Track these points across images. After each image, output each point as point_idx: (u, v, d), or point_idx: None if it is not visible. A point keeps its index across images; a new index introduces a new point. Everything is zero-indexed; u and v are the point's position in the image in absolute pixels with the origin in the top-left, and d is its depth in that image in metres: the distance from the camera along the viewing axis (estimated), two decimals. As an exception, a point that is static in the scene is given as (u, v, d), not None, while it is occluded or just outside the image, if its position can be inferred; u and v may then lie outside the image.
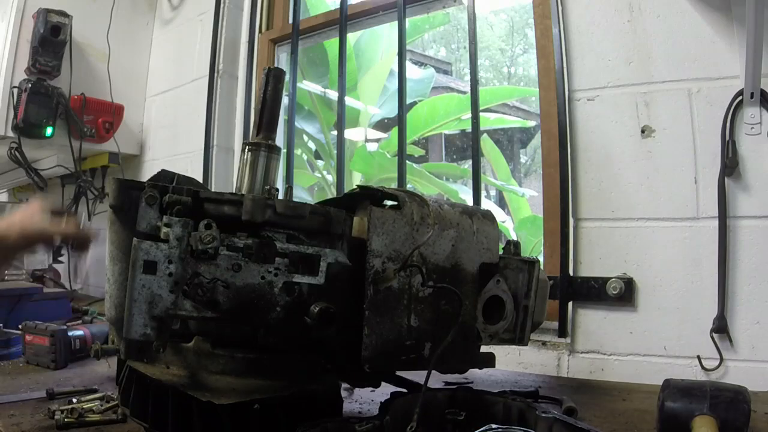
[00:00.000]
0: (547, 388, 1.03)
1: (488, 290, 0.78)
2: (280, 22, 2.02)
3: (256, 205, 0.61)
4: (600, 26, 1.26)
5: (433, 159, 6.33)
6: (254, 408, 0.62)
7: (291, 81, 1.85)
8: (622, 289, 1.18)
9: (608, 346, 1.21)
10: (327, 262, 0.64)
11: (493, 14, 8.19)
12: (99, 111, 2.09)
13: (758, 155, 1.09)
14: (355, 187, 0.79)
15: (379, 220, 0.69)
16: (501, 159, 4.93)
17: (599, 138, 1.25)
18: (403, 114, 1.65)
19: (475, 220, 0.78)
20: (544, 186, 1.35)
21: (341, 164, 1.77)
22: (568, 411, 0.81)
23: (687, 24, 1.16)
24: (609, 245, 1.22)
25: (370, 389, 0.82)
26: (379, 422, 0.60)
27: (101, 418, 0.79)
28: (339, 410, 0.72)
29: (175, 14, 2.24)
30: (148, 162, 2.28)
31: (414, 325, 0.71)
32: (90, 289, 2.36)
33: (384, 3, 1.72)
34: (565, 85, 1.28)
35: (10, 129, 1.94)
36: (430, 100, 4.67)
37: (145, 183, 0.60)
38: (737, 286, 1.09)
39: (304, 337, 0.64)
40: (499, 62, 8.96)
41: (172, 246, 0.57)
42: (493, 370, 0.96)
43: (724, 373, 1.08)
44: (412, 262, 0.69)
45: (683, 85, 1.16)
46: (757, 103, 1.08)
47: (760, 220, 1.08)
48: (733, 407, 0.66)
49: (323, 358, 0.71)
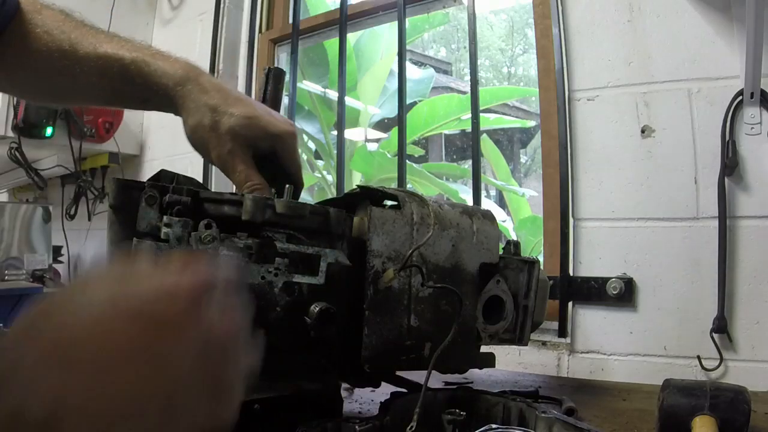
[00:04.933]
0: (547, 388, 1.03)
1: (488, 290, 0.78)
2: (280, 22, 2.02)
3: (256, 205, 0.61)
4: (600, 26, 1.26)
5: (433, 159, 6.33)
6: (254, 408, 0.62)
7: (291, 81, 1.84)
8: (622, 289, 1.18)
9: (608, 346, 1.21)
10: (327, 262, 0.64)
11: (493, 14, 8.19)
12: (99, 111, 2.09)
13: (758, 155, 1.09)
14: (355, 187, 0.79)
15: (379, 220, 0.69)
16: (501, 159, 4.93)
17: (599, 138, 1.25)
18: (403, 114, 1.65)
19: (475, 220, 0.78)
20: (544, 186, 1.35)
21: (341, 164, 1.77)
22: (568, 411, 0.81)
23: (687, 24, 1.16)
24: (609, 245, 1.22)
25: (370, 389, 0.82)
26: (379, 422, 0.60)
27: (101, 418, 0.78)
28: (339, 410, 0.72)
29: (175, 14, 2.24)
30: (148, 162, 2.27)
31: (414, 325, 0.71)
32: (90, 289, 2.36)
33: (384, 3, 1.72)
34: (565, 85, 1.28)
35: (10, 129, 1.94)
36: (430, 100, 4.67)
37: (145, 183, 0.60)
38: (737, 286, 1.09)
39: (304, 337, 0.64)
40: (499, 62, 8.96)
41: (172, 246, 0.57)
42: (493, 370, 0.96)
43: (724, 373, 1.08)
44: (412, 262, 0.69)
45: (683, 85, 1.16)
46: (757, 103, 1.08)
47: (760, 220, 1.08)
48: (733, 407, 0.66)
49: (323, 358, 0.71)
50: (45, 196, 2.62)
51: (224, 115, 0.66)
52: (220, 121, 0.65)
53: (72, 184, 2.35)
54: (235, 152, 0.66)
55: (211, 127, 0.66)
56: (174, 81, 0.67)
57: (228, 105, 0.66)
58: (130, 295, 0.34)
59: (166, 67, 0.68)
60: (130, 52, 0.68)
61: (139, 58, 0.68)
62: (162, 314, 0.33)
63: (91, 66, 0.69)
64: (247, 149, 0.67)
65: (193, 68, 0.69)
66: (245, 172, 0.66)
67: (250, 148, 0.67)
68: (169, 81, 0.67)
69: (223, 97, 0.67)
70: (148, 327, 0.32)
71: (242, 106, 0.67)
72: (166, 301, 0.34)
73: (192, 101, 0.67)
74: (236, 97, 0.68)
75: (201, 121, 0.66)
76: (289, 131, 0.70)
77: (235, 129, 0.65)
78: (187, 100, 0.67)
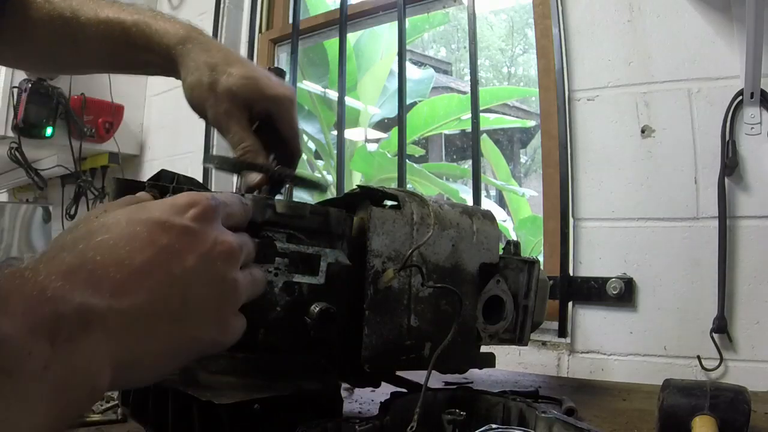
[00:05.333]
0: (547, 388, 1.03)
1: (488, 290, 0.78)
2: (280, 22, 2.02)
3: (256, 205, 0.61)
4: (600, 26, 1.26)
5: (433, 159, 6.34)
6: (254, 408, 0.62)
7: (291, 81, 1.84)
8: (622, 289, 1.18)
9: (608, 346, 1.21)
10: (327, 262, 0.64)
11: (493, 14, 8.20)
12: (99, 111, 2.09)
13: (758, 155, 1.09)
14: (355, 187, 0.79)
15: (379, 220, 0.69)
16: (501, 159, 4.94)
17: (599, 138, 1.25)
18: (403, 114, 1.65)
19: (475, 220, 0.78)
20: (544, 186, 1.35)
21: (341, 164, 1.77)
22: (568, 411, 0.81)
23: (687, 24, 1.16)
24: (609, 245, 1.22)
25: (370, 389, 0.82)
26: (379, 422, 0.60)
27: (101, 418, 0.79)
28: (339, 410, 0.72)
29: (174, 14, 2.23)
30: (148, 162, 2.28)
31: (414, 325, 0.71)
32: (90, 289, 2.36)
33: (384, 3, 1.72)
34: (565, 85, 1.28)
35: (10, 129, 1.94)
36: (430, 100, 4.67)
37: (145, 183, 0.60)
38: (737, 286, 1.09)
39: (304, 337, 0.64)
40: (499, 62, 8.97)
41: (172, 246, 0.57)
42: (493, 370, 0.96)
43: (724, 373, 1.08)
44: (412, 262, 0.69)
45: (683, 85, 1.17)
46: (757, 103, 1.08)
47: (760, 220, 1.08)
48: (733, 407, 0.66)
49: (323, 358, 0.71)
50: (45, 196, 2.62)
51: (223, 74, 0.65)
52: (218, 80, 0.65)
53: (72, 184, 2.35)
54: (231, 113, 0.65)
55: (209, 86, 0.65)
56: (175, 40, 0.67)
57: (228, 65, 0.66)
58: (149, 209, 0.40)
59: (168, 27, 0.68)
60: (131, 15, 0.69)
61: (141, 20, 0.68)
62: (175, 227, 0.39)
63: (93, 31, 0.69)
64: (243, 110, 0.66)
65: (195, 29, 0.70)
66: (240, 134, 0.65)
67: (247, 110, 0.66)
68: (171, 40, 0.67)
69: (224, 57, 0.67)
70: (161, 247, 0.38)
71: (241, 67, 0.67)
72: (179, 213, 0.40)
73: (192, 60, 0.66)
74: (237, 57, 0.68)
75: (200, 79, 0.65)
76: (287, 95, 0.69)
77: (232, 89, 0.65)
78: (187, 58, 0.67)
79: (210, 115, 0.66)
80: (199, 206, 0.41)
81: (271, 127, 0.69)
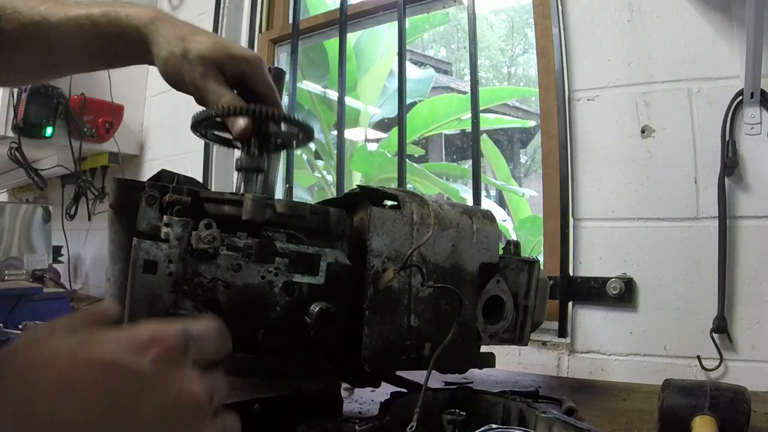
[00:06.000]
0: (547, 388, 1.03)
1: (488, 290, 0.78)
2: (280, 22, 2.02)
3: (256, 205, 0.61)
4: (600, 26, 1.26)
5: (433, 159, 6.33)
6: (254, 408, 0.62)
7: (291, 81, 1.85)
8: (622, 289, 1.18)
9: (608, 346, 1.21)
10: (327, 262, 0.64)
11: (493, 14, 8.19)
12: (99, 111, 2.09)
13: (758, 155, 1.09)
14: (355, 187, 0.79)
15: (379, 220, 0.69)
16: (501, 159, 4.93)
17: (599, 138, 1.25)
18: (403, 114, 1.65)
19: (475, 220, 0.78)
20: (544, 186, 1.35)
21: (341, 164, 1.77)
22: (568, 411, 0.81)
23: (687, 24, 1.16)
24: (609, 245, 1.22)
25: (370, 389, 0.82)
26: (379, 422, 0.60)
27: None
28: (339, 410, 0.72)
29: (174, 14, 2.23)
30: (148, 162, 2.28)
31: (414, 325, 0.71)
32: (90, 289, 2.36)
33: (384, 3, 1.72)
34: (565, 85, 1.28)
35: (10, 129, 1.94)
36: (430, 100, 4.67)
37: (145, 183, 0.60)
38: (737, 286, 1.09)
39: (304, 337, 0.64)
40: (499, 62, 8.96)
41: (172, 246, 0.57)
42: (493, 370, 0.96)
43: (724, 373, 1.08)
44: (412, 261, 0.69)
45: (683, 85, 1.16)
46: (757, 103, 1.08)
47: (760, 220, 1.08)
48: (733, 407, 0.66)
49: (323, 358, 0.71)
50: (45, 196, 2.62)
51: (192, 42, 0.68)
52: (189, 48, 0.67)
53: (72, 184, 2.35)
54: (207, 75, 0.67)
55: (182, 55, 0.67)
56: (143, 21, 0.69)
57: (195, 34, 0.69)
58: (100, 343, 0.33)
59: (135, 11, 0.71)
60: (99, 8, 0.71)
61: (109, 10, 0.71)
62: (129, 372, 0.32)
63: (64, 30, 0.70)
64: (218, 72, 0.68)
65: (162, 11, 0.72)
66: (218, 89, 0.67)
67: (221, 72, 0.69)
68: (139, 22, 0.69)
69: (191, 29, 0.70)
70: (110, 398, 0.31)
71: (209, 36, 0.70)
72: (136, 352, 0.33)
73: (161, 35, 0.68)
74: (203, 30, 0.72)
75: (171, 51, 0.67)
76: (255, 55, 0.72)
77: (204, 54, 0.67)
78: (156, 35, 0.69)
79: (187, 82, 0.68)
80: (163, 344, 0.34)
81: (247, 89, 0.71)
